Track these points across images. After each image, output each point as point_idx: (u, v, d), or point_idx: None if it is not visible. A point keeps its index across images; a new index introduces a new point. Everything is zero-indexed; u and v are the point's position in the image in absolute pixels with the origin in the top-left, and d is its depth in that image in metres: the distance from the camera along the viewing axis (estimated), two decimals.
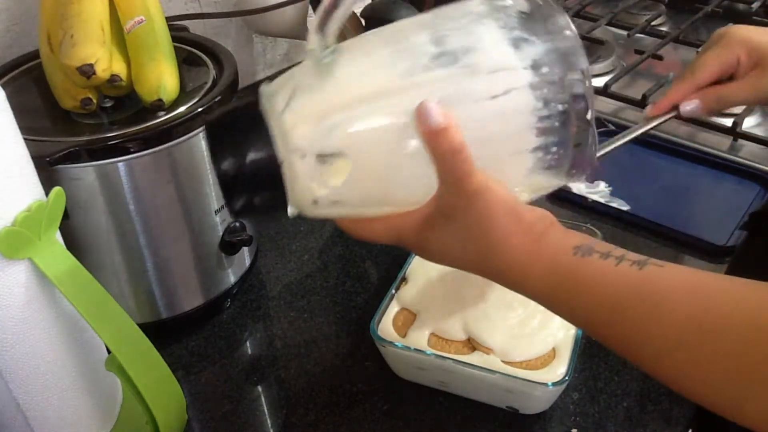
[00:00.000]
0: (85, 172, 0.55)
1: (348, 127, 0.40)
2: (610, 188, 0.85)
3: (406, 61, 0.41)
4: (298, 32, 0.86)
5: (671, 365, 0.40)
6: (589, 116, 0.42)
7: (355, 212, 0.44)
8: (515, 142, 0.42)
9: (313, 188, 0.41)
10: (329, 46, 0.41)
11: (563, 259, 0.42)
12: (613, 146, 0.58)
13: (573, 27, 0.42)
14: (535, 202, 0.50)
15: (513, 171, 0.43)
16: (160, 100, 0.57)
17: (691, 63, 0.64)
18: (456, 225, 0.43)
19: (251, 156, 0.42)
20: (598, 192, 0.85)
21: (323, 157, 0.40)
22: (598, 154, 0.47)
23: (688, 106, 0.62)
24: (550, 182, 0.45)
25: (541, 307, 0.61)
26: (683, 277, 0.41)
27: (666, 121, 0.63)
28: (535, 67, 0.40)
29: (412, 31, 0.42)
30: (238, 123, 0.43)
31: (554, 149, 0.42)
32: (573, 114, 0.41)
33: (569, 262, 0.42)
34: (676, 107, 0.63)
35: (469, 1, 0.43)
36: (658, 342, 0.40)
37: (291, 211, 0.43)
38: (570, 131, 0.42)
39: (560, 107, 0.41)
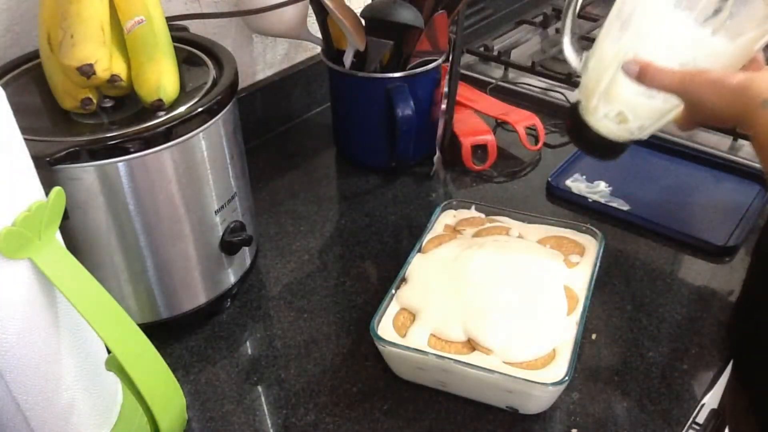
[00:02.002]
0: (85, 172, 0.55)
1: (609, 93, 0.61)
2: (610, 188, 0.86)
3: (611, 42, 0.61)
4: (298, 32, 0.86)
5: None
6: None
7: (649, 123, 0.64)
8: (701, 32, 0.56)
9: (620, 131, 0.63)
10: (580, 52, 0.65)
11: (756, 114, 0.54)
12: None
13: None
14: (538, 203, 0.50)
15: (723, 39, 0.56)
16: (160, 100, 0.57)
17: None
18: (706, 109, 0.58)
19: None
20: (598, 192, 0.85)
21: (612, 115, 0.62)
22: None
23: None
24: None
25: (542, 308, 0.61)
26: None
27: None
28: None
29: (610, 17, 0.62)
30: None
31: None
32: None
33: (758, 117, 0.54)
34: None
35: None
36: None
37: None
38: None
39: None
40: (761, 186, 0.84)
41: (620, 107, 0.62)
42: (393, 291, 0.64)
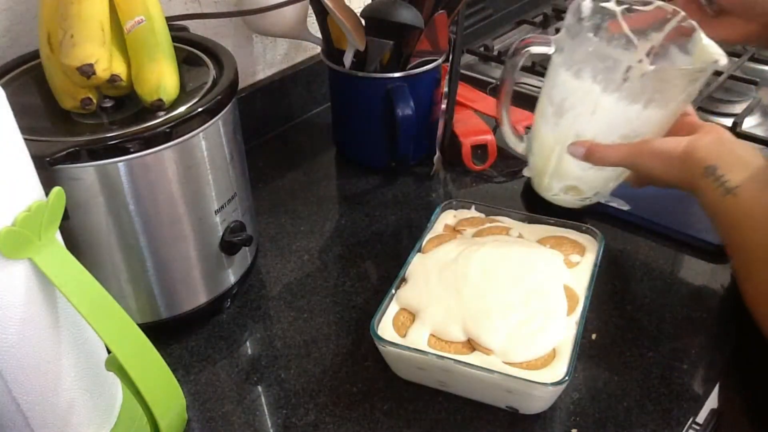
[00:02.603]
0: (85, 172, 0.55)
1: (559, 172, 0.67)
2: None
3: (549, 127, 0.66)
4: (298, 32, 0.86)
5: (747, 290, 0.55)
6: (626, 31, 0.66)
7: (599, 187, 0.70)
8: (633, 109, 0.59)
9: (576, 201, 0.72)
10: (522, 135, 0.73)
11: (699, 183, 0.57)
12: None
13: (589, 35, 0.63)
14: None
15: (657, 112, 0.60)
16: (160, 100, 0.57)
17: None
18: (654, 177, 0.62)
19: None
20: None
21: (566, 189, 0.69)
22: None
23: None
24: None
25: (542, 308, 0.61)
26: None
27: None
28: (596, 79, 0.60)
29: (542, 103, 0.67)
30: None
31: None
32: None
33: (701, 186, 0.57)
34: None
35: (552, 67, 0.65)
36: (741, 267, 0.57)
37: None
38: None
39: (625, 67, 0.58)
40: None
41: (572, 182, 0.66)
42: (393, 291, 0.64)
